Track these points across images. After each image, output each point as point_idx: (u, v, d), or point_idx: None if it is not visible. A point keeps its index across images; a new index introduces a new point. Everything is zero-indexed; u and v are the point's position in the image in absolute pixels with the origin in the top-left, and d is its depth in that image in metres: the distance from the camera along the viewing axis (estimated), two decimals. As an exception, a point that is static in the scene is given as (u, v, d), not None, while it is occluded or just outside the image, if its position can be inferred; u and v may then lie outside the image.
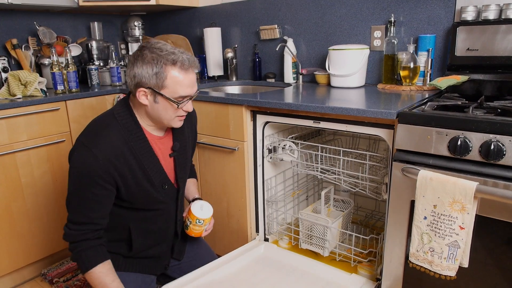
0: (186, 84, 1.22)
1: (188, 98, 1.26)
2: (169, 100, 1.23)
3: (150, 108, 1.26)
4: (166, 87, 1.21)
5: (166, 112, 1.25)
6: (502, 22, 1.49)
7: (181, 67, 1.20)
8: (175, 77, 1.20)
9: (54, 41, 2.37)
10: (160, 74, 1.19)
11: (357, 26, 1.95)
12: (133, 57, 1.23)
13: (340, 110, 1.37)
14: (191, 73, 1.23)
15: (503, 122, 1.05)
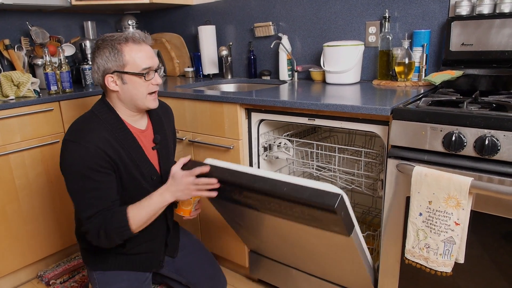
0: (144, 56, 1.28)
1: (152, 71, 1.30)
2: (134, 74, 1.27)
3: (121, 93, 1.30)
4: (127, 63, 1.27)
5: (137, 89, 1.29)
6: (497, 16, 1.48)
7: (133, 41, 1.27)
8: (131, 51, 1.26)
9: (47, 41, 2.35)
10: (117, 54, 1.26)
11: (351, 22, 1.94)
12: (92, 53, 1.31)
13: (335, 107, 1.36)
14: (145, 45, 1.30)
15: (497, 117, 1.05)
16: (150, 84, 1.31)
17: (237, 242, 1.86)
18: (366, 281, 1.45)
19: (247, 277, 1.97)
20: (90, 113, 1.33)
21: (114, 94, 1.32)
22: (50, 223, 2.04)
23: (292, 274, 1.70)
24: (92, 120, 1.30)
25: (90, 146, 1.22)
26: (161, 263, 1.54)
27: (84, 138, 1.23)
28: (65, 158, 1.24)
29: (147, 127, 1.42)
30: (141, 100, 1.32)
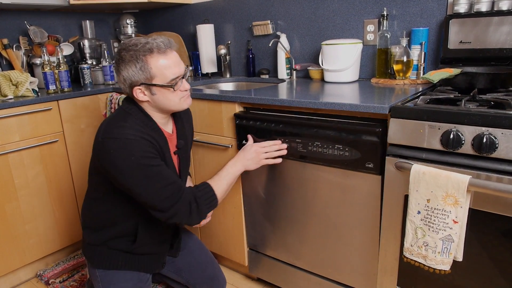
0: (171, 65, 1.26)
1: (180, 78, 1.29)
2: (163, 87, 1.26)
3: (152, 102, 1.30)
4: (155, 76, 1.25)
5: (168, 98, 1.29)
6: (495, 14, 1.48)
7: (159, 51, 1.24)
8: (158, 63, 1.24)
9: (46, 41, 2.35)
10: (144, 67, 1.23)
11: (349, 21, 1.94)
12: (116, 63, 1.27)
13: (333, 106, 1.36)
14: (170, 53, 1.27)
15: (495, 114, 1.05)
16: (179, 91, 1.30)
17: (237, 241, 1.86)
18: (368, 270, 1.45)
19: (246, 275, 1.97)
20: (123, 112, 1.31)
21: (144, 102, 1.31)
22: (49, 223, 2.04)
23: (291, 273, 1.70)
24: (127, 117, 1.28)
25: (135, 137, 1.22)
26: (163, 265, 1.55)
27: (126, 133, 1.22)
28: (116, 156, 1.21)
29: (173, 132, 1.44)
30: (174, 106, 1.32)
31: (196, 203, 1.30)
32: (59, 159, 2.04)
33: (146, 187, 1.23)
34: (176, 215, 1.27)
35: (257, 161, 1.49)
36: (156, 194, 1.24)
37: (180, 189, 1.28)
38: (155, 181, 1.23)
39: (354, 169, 1.37)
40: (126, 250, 1.42)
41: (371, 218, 1.39)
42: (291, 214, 1.62)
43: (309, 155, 1.46)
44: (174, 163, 1.42)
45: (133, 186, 1.23)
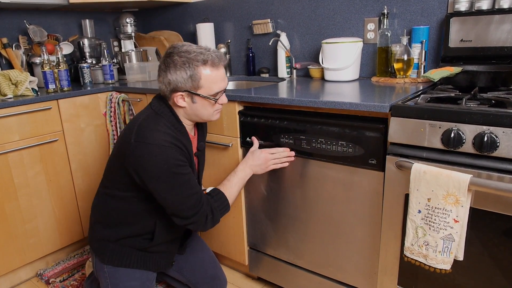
0: (218, 80, 1.29)
1: (222, 92, 1.33)
2: (206, 98, 1.29)
3: (188, 109, 1.32)
4: (202, 87, 1.27)
5: (205, 109, 1.32)
6: (496, 12, 1.47)
7: (212, 65, 1.26)
8: (208, 76, 1.26)
9: (45, 40, 2.34)
10: (194, 76, 1.24)
11: (350, 19, 1.93)
12: (164, 64, 1.27)
13: (333, 104, 1.36)
14: (221, 68, 1.30)
15: (496, 113, 1.04)
16: (217, 104, 1.34)
17: (237, 240, 1.86)
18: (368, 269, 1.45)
19: (247, 275, 1.97)
20: (154, 114, 1.31)
21: (179, 107, 1.33)
22: (49, 222, 2.04)
23: (291, 272, 1.70)
24: (159, 120, 1.29)
25: (169, 144, 1.24)
26: (172, 263, 1.55)
27: (160, 138, 1.23)
28: (148, 161, 1.22)
29: (195, 134, 1.47)
30: (207, 117, 1.36)
31: (212, 214, 1.33)
32: (59, 158, 2.04)
33: (174, 194, 1.26)
34: (194, 223, 1.31)
35: (265, 167, 1.53)
36: (181, 202, 1.27)
37: (201, 200, 1.31)
38: (183, 189, 1.26)
39: (357, 166, 1.36)
40: (140, 248, 1.41)
41: (373, 215, 1.38)
42: (292, 212, 1.61)
43: (313, 152, 1.46)
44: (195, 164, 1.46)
45: (161, 191, 1.25)
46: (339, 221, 1.48)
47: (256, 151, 1.53)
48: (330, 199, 1.48)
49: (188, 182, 1.27)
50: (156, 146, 1.22)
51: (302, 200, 1.56)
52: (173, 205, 1.27)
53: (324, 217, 1.52)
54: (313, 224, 1.56)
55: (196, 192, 1.29)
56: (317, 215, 1.53)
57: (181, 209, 1.28)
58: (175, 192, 1.25)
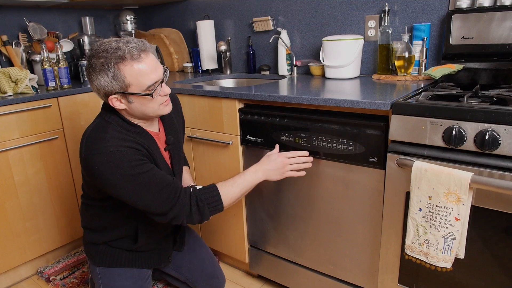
0: (147, 72, 1.15)
1: (159, 83, 1.20)
2: (140, 95, 1.18)
3: (130, 109, 1.23)
4: (131, 84, 1.15)
5: (146, 106, 1.22)
6: (497, 9, 1.47)
7: (132, 58, 1.13)
8: (131, 71, 1.14)
9: (45, 37, 2.34)
10: (117, 76, 1.13)
11: (351, 16, 1.92)
12: (87, 72, 1.19)
13: (334, 102, 1.35)
14: (145, 58, 1.16)
15: (498, 111, 1.04)
16: (159, 97, 1.22)
17: (237, 238, 1.85)
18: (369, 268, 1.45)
19: (247, 272, 1.97)
20: (103, 122, 1.25)
21: (122, 110, 1.24)
22: (49, 220, 2.04)
23: (291, 270, 1.70)
24: (107, 127, 1.22)
25: (118, 149, 1.16)
26: (169, 258, 1.55)
27: (109, 145, 1.16)
28: (102, 172, 1.16)
29: (159, 130, 1.40)
30: (153, 113, 1.25)
31: (197, 205, 1.26)
32: (59, 156, 2.03)
33: (140, 195, 1.19)
34: (176, 217, 1.25)
35: (282, 172, 1.41)
36: (151, 200, 1.21)
37: (176, 191, 1.24)
38: (148, 187, 1.19)
39: (358, 164, 1.36)
40: (128, 249, 1.42)
41: (373, 214, 1.38)
42: (293, 210, 1.61)
43: (313, 150, 1.45)
44: (166, 160, 1.40)
45: (127, 196, 1.19)
46: (340, 219, 1.47)
47: (273, 154, 1.43)
48: (330, 197, 1.47)
49: (152, 178, 1.20)
50: (104, 155, 1.15)
51: (303, 198, 1.56)
52: (145, 205, 1.21)
53: (325, 215, 1.51)
54: (314, 222, 1.55)
55: (166, 185, 1.22)
56: (317, 213, 1.53)
57: (155, 206, 1.21)
58: (141, 193, 1.19)
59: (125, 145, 1.18)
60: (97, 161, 1.16)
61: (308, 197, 1.54)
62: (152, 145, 1.30)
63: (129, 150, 1.18)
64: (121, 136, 1.21)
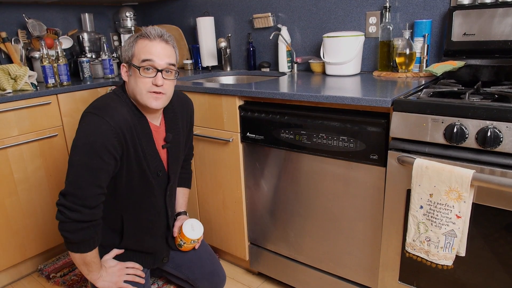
0: (149, 51, 1.26)
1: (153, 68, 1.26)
2: (133, 66, 1.27)
3: (129, 84, 1.31)
4: (134, 56, 1.28)
5: (136, 83, 1.28)
6: (499, 5, 1.46)
7: (147, 36, 1.27)
8: (140, 44, 1.27)
9: (44, 34, 2.33)
10: (131, 45, 1.29)
11: (351, 13, 1.91)
12: None
13: (335, 99, 1.34)
14: (158, 43, 1.27)
15: (500, 108, 1.03)
16: (151, 83, 1.26)
17: (237, 235, 1.85)
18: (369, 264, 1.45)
19: (247, 270, 1.97)
20: (114, 94, 1.33)
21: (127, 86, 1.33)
22: (49, 217, 2.03)
23: (292, 267, 1.69)
24: (116, 100, 1.30)
25: (113, 124, 1.21)
26: (164, 260, 1.54)
27: (108, 114, 1.22)
28: (83, 129, 1.21)
29: (160, 124, 1.41)
30: (140, 95, 1.27)
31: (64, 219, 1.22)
32: (59, 153, 2.03)
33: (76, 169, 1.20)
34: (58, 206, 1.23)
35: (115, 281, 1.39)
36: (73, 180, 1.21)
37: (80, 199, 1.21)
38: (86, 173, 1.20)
39: (359, 161, 1.35)
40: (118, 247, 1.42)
41: (374, 211, 1.37)
42: (293, 208, 1.61)
43: (313, 147, 1.45)
44: (162, 157, 1.41)
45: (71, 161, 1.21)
46: (340, 217, 1.47)
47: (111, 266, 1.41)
48: (331, 194, 1.47)
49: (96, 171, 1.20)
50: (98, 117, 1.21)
51: (303, 196, 1.55)
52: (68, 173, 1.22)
53: (325, 213, 1.51)
54: (314, 220, 1.55)
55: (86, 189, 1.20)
56: (317, 210, 1.53)
57: (67, 181, 1.22)
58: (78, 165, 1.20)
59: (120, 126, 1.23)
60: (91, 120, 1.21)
61: (309, 194, 1.53)
62: (146, 137, 1.33)
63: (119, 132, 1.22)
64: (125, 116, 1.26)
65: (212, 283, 1.60)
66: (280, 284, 1.83)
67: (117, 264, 1.41)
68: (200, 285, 1.59)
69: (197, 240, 1.54)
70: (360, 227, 1.43)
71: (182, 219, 1.60)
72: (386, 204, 1.29)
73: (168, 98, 1.32)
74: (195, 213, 2.01)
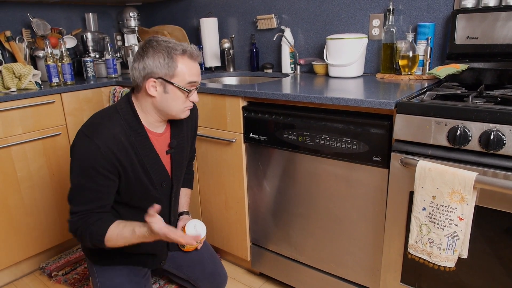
0: (194, 73, 1.28)
1: (195, 88, 1.30)
2: (179, 88, 1.26)
3: (158, 100, 1.27)
4: (176, 76, 1.24)
5: (176, 102, 1.28)
6: (503, 9, 1.46)
7: (190, 56, 1.26)
8: (185, 65, 1.25)
9: (48, 33, 2.34)
10: (171, 63, 1.23)
11: (355, 15, 1.92)
12: (142, 49, 1.25)
13: (338, 101, 1.35)
14: (197, 63, 1.30)
15: (503, 111, 1.03)
16: (188, 100, 1.31)
17: (239, 236, 1.86)
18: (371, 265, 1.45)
19: (249, 270, 1.97)
20: (113, 108, 1.30)
21: (148, 98, 1.28)
22: (51, 216, 2.04)
23: (293, 268, 1.70)
24: (112, 116, 1.27)
25: (102, 146, 1.20)
26: (162, 263, 1.55)
27: (98, 137, 1.20)
28: (76, 149, 1.23)
29: (164, 131, 1.40)
30: (176, 112, 1.30)
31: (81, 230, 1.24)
32: (62, 152, 2.04)
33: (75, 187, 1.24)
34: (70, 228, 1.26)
35: None
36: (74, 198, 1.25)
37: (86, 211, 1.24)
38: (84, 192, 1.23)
39: (362, 163, 1.36)
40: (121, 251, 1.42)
41: (376, 212, 1.38)
42: (295, 209, 1.61)
43: (316, 148, 1.45)
44: (165, 163, 1.40)
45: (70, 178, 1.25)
46: (342, 218, 1.47)
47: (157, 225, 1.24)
48: (333, 195, 1.47)
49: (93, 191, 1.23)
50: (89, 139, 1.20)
51: (305, 197, 1.56)
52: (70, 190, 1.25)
53: (327, 214, 1.51)
54: (316, 221, 1.55)
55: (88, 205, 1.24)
56: (320, 211, 1.53)
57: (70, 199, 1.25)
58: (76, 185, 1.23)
59: (111, 147, 1.21)
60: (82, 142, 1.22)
61: (311, 195, 1.54)
62: (146, 151, 1.31)
63: (109, 154, 1.21)
64: (117, 136, 1.23)
65: (213, 283, 1.60)
66: (282, 285, 1.83)
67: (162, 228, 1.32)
68: (201, 285, 1.59)
69: (200, 240, 1.54)
70: (362, 228, 1.43)
71: (185, 219, 1.60)
72: (389, 205, 1.29)
73: None
74: (197, 213, 2.02)
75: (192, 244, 1.40)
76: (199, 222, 1.55)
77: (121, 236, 1.24)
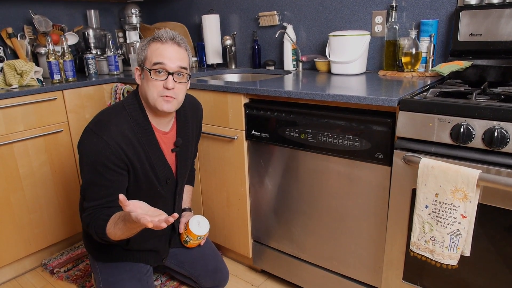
0: (161, 54, 1.25)
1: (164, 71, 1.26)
2: (144, 69, 1.28)
3: (141, 88, 1.31)
4: (146, 59, 1.28)
5: (148, 87, 1.28)
6: (507, 5, 1.45)
7: (159, 39, 1.27)
8: (152, 47, 1.27)
9: (50, 30, 2.33)
10: (144, 48, 1.29)
11: (357, 12, 1.91)
12: None
13: (340, 98, 1.34)
14: (170, 46, 1.27)
15: (507, 108, 1.03)
16: (162, 86, 1.26)
17: (241, 233, 1.86)
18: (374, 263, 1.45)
19: (250, 267, 1.97)
20: (120, 105, 1.32)
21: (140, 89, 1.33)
22: (53, 212, 2.04)
23: (295, 265, 1.70)
24: (119, 113, 1.29)
25: (110, 142, 1.21)
26: (163, 260, 1.55)
27: (107, 133, 1.22)
28: (84, 146, 1.24)
29: (170, 129, 1.41)
30: (151, 98, 1.28)
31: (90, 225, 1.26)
32: (64, 149, 2.04)
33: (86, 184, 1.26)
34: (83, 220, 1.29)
35: None
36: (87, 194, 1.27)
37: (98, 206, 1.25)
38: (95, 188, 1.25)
39: (364, 160, 1.35)
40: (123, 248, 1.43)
41: (379, 210, 1.38)
42: (297, 206, 1.61)
43: (318, 145, 1.45)
44: (170, 161, 1.41)
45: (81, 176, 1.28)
46: (344, 215, 1.47)
47: None
48: (335, 193, 1.47)
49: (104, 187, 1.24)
50: (97, 136, 1.22)
51: (307, 194, 1.56)
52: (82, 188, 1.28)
53: (329, 211, 1.51)
54: (318, 218, 1.55)
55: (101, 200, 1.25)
56: (322, 209, 1.53)
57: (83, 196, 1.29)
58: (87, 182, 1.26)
59: (119, 143, 1.23)
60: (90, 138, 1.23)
61: (313, 192, 1.54)
62: (152, 147, 1.32)
63: (118, 150, 1.23)
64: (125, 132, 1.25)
65: (215, 280, 1.60)
66: (283, 282, 1.84)
67: None
68: (203, 282, 1.60)
69: (203, 236, 1.54)
70: (365, 226, 1.43)
71: (187, 215, 1.60)
72: (391, 203, 1.29)
73: (179, 102, 1.32)
74: (199, 210, 2.02)
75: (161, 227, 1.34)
76: (203, 218, 1.55)
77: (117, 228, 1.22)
